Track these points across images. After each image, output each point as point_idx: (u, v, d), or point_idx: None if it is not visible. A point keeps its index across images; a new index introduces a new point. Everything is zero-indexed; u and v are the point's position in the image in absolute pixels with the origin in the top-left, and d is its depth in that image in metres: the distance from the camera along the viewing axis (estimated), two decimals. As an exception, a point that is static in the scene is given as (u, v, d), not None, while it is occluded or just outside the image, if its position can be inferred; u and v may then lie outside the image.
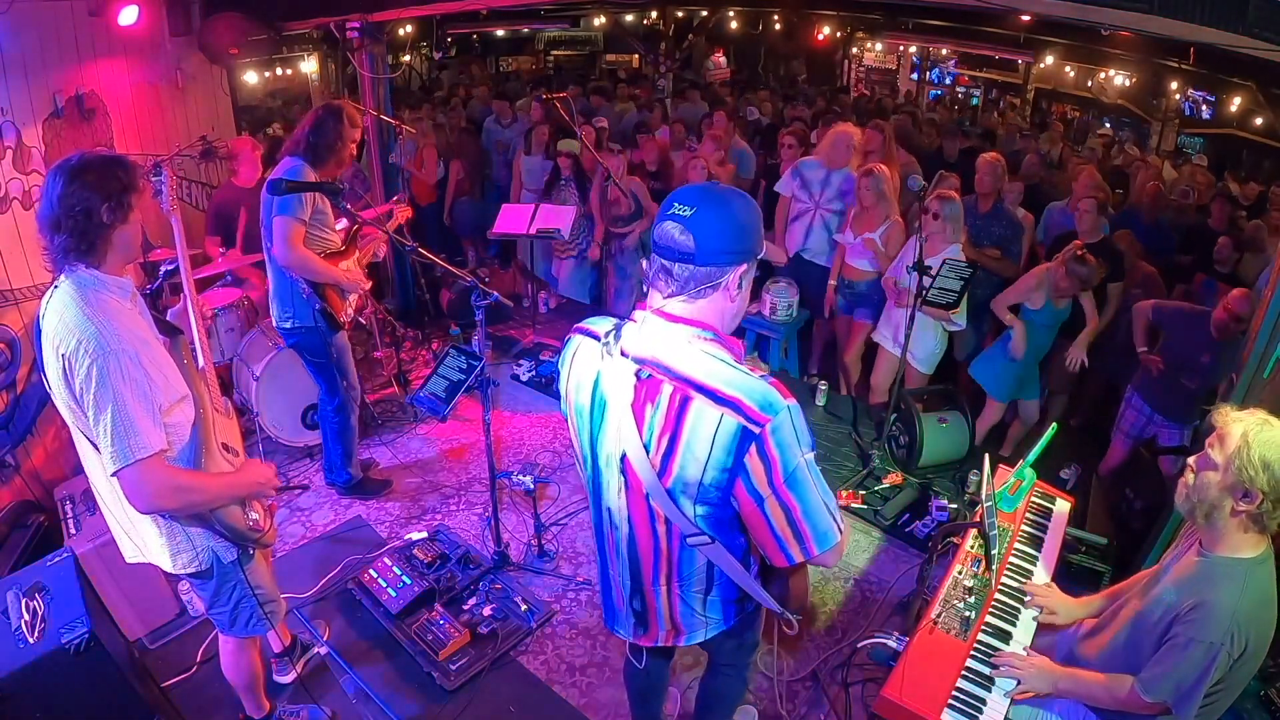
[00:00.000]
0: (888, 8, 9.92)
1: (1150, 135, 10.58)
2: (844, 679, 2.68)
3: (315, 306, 3.09)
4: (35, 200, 3.54)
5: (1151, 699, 1.69)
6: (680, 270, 1.36)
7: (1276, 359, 2.32)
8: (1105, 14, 2.69)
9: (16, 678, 1.85)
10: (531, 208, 4.90)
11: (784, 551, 1.40)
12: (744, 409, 1.29)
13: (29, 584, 2.06)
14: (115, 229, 1.70)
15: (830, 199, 4.45)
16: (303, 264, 2.98)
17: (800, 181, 4.56)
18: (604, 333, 1.47)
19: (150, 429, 1.67)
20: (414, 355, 5.02)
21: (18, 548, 3.00)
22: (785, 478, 1.32)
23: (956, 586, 2.17)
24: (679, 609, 1.64)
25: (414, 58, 12.45)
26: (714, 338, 1.39)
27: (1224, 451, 1.63)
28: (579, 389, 1.51)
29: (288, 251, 2.93)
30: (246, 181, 4.18)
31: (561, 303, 5.82)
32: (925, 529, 3.37)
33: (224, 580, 2.01)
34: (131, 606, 2.72)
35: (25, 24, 3.49)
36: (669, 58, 10.82)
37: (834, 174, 4.40)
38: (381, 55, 4.98)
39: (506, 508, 3.50)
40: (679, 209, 1.34)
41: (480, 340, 2.74)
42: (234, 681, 2.30)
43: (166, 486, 1.70)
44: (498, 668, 2.72)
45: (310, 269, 3.02)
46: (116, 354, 1.64)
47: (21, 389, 3.48)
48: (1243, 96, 8.77)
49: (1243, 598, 1.62)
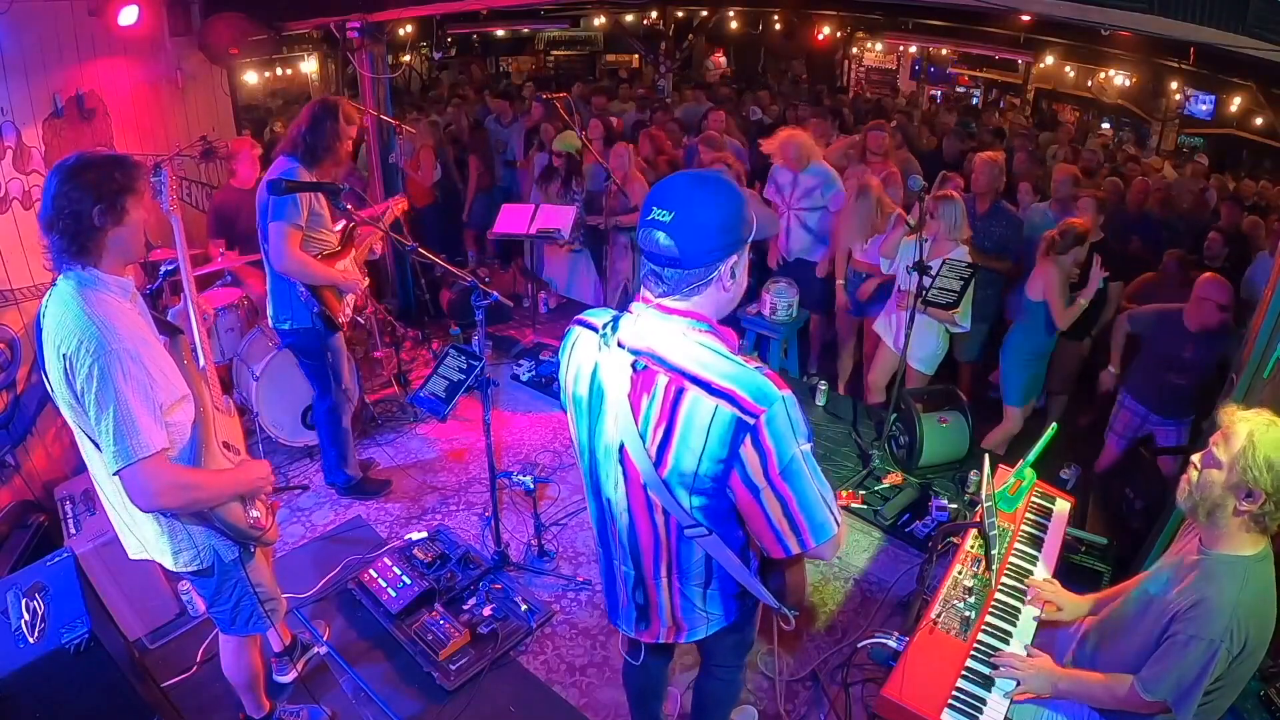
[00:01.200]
0: (888, 8, 9.92)
1: (1150, 135, 10.58)
2: (844, 679, 2.68)
3: (314, 310, 3.09)
4: (35, 200, 3.54)
5: (1151, 697, 1.69)
6: (669, 274, 1.35)
7: (1276, 359, 2.32)
8: (1105, 14, 2.68)
9: (16, 678, 1.84)
10: (531, 208, 4.90)
11: (781, 543, 1.40)
12: (738, 400, 1.30)
13: (29, 584, 2.05)
14: (108, 231, 1.69)
15: (800, 198, 4.52)
16: (300, 269, 2.98)
17: (774, 187, 4.65)
18: (602, 324, 1.48)
19: (152, 428, 1.67)
20: (414, 355, 5.02)
21: (18, 548, 2.99)
22: (781, 469, 1.32)
23: (956, 586, 2.17)
24: (680, 603, 1.64)
25: (414, 58, 12.45)
26: (709, 329, 1.39)
27: (1229, 451, 1.63)
28: (577, 380, 1.52)
29: (285, 258, 2.92)
30: (245, 182, 4.17)
31: (562, 302, 5.82)
32: (925, 529, 3.37)
33: (225, 578, 2.02)
34: (131, 606, 2.72)
35: (25, 24, 3.49)
36: (669, 58, 10.82)
37: (800, 175, 4.48)
38: (381, 55, 4.98)
39: (506, 508, 3.50)
40: (658, 214, 1.31)
41: (480, 340, 2.75)
42: (234, 681, 2.30)
43: (168, 485, 1.70)
44: (498, 668, 2.72)
45: (308, 273, 3.01)
46: (118, 353, 1.64)
47: (21, 389, 3.48)
48: (1243, 96, 8.77)
49: (1242, 595, 1.62)
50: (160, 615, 2.83)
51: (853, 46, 13.49)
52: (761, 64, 13.75)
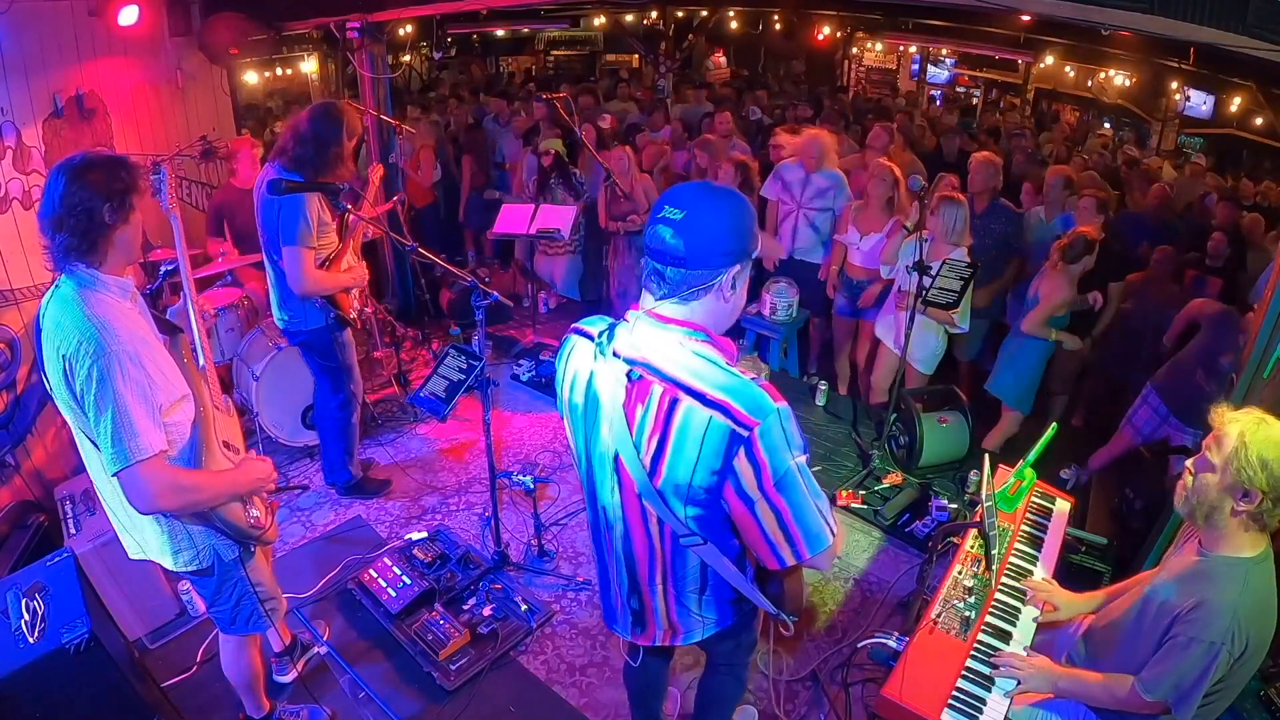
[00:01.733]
0: (888, 8, 9.91)
1: (1150, 135, 10.58)
2: (844, 679, 2.68)
3: (329, 314, 3.13)
4: (35, 200, 3.53)
5: (1151, 699, 1.69)
6: (672, 273, 1.35)
7: (1276, 359, 2.32)
8: (1105, 14, 2.68)
9: (16, 678, 1.84)
10: (531, 208, 4.89)
11: (775, 554, 1.40)
12: (732, 412, 1.29)
13: (29, 584, 2.06)
14: (116, 229, 1.71)
15: (811, 198, 4.50)
16: (318, 288, 3.02)
17: (781, 184, 4.62)
18: (598, 333, 1.48)
19: (150, 429, 1.67)
20: (414, 355, 5.02)
21: (18, 548, 2.99)
22: (775, 481, 1.32)
23: (956, 586, 2.17)
24: (675, 609, 1.64)
25: (414, 58, 12.45)
26: (706, 339, 1.39)
27: (1221, 452, 1.63)
28: (574, 388, 1.52)
29: (304, 281, 2.95)
30: (245, 182, 4.17)
31: (562, 302, 5.82)
32: (925, 529, 3.37)
33: (225, 578, 2.02)
34: (131, 606, 2.72)
35: (25, 24, 3.49)
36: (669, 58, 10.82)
37: (814, 175, 4.46)
38: (381, 55, 4.98)
39: (506, 508, 3.50)
40: (669, 212, 1.33)
41: (480, 340, 2.75)
42: (234, 681, 2.30)
43: (167, 487, 1.70)
44: (498, 668, 2.72)
45: (325, 290, 3.06)
46: (117, 354, 1.64)
47: (21, 389, 3.48)
48: (1243, 96, 8.76)
49: (1243, 597, 1.62)
50: (160, 615, 2.83)
51: (853, 46, 13.49)
52: (761, 64, 13.74)
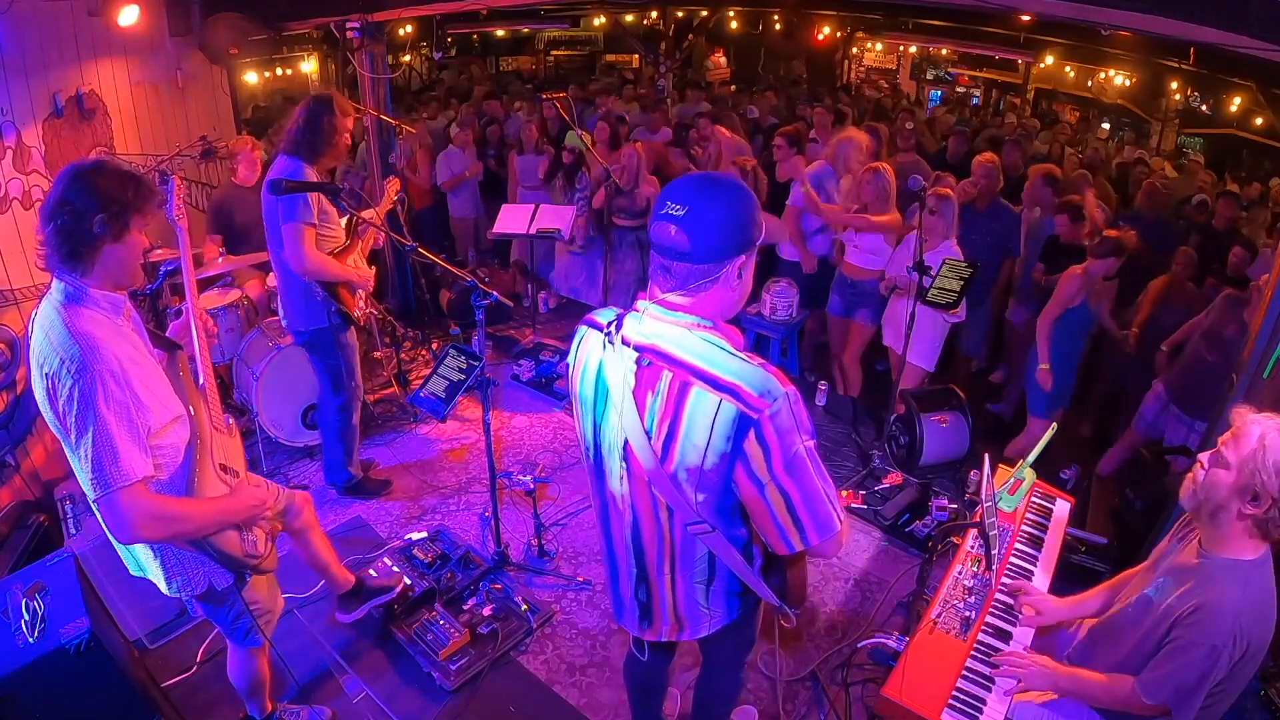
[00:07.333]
0: (888, 8, 9.92)
1: (1150, 135, 10.58)
2: (844, 679, 2.68)
3: (331, 309, 3.11)
4: (35, 200, 3.54)
5: (1152, 701, 1.68)
6: (679, 268, 1.37)
7: (1276, 359, 2.32)
8: (1105, 14, 2.69)
9: (17, 678, 1.85)
10: (531, 208, 4.90)
11: (784, 539, 1.41)
12: (743, 395, 1.31)
13: (29, 584, 2.06)
14: (105, 244, 1.60)
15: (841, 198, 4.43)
16: (319, 269, 2.99)
17: (824, 195, 4.42)
18: (607, 323, 1.50)
19: (133, 454, 1.57)
20: (414, 355, 5.01)
21: (18, 548, 2.99)
22: (785, 464, 1.33)
23: (956, 586, 2.17)
24: (683, 600, 1.65)
25: (414, 58, 12.45)
26: (712, 326, 1.41)
27: (1238, 452, 1.62)
28: (584, 378, 1.54)
29: (304, 258, 2.92)
30: (246, 180, 4.18)
31: (561, 302, 5.82)
32: (925, 529, 3.37)
33: (219, 602, 1.97)
34: (131, 606, 2.71)
35: (25, 24, 3.49)
36: (669, 58, 10.83)
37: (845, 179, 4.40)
38: (381, 55, 4.98)
39: (506, 508, 3.49)
40: (672, 208, 1.34)
41: (480, 340, 2.74)
42: (238, 686, 2.27)
43: (150, 516, 1.60)
44: (498, 668, 2.72)
45: (327, 272, 3.03)
46: (100, 374, 1.54)
47: (21, 389, 3.48)
48: (1243, 96, 8.76)
49: (1243, 600, 1.61)
50: (160, 615, 2.83)
51: (853, 46, 13.49)
52: (761, 64, 13.75)
